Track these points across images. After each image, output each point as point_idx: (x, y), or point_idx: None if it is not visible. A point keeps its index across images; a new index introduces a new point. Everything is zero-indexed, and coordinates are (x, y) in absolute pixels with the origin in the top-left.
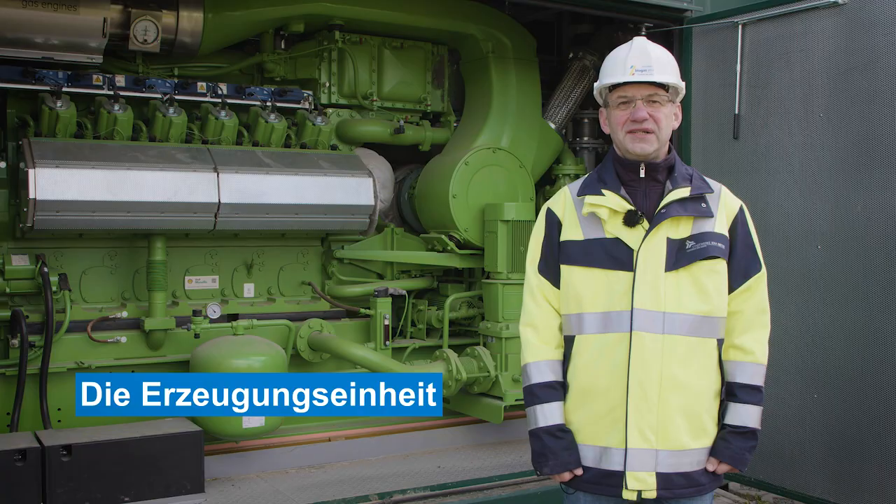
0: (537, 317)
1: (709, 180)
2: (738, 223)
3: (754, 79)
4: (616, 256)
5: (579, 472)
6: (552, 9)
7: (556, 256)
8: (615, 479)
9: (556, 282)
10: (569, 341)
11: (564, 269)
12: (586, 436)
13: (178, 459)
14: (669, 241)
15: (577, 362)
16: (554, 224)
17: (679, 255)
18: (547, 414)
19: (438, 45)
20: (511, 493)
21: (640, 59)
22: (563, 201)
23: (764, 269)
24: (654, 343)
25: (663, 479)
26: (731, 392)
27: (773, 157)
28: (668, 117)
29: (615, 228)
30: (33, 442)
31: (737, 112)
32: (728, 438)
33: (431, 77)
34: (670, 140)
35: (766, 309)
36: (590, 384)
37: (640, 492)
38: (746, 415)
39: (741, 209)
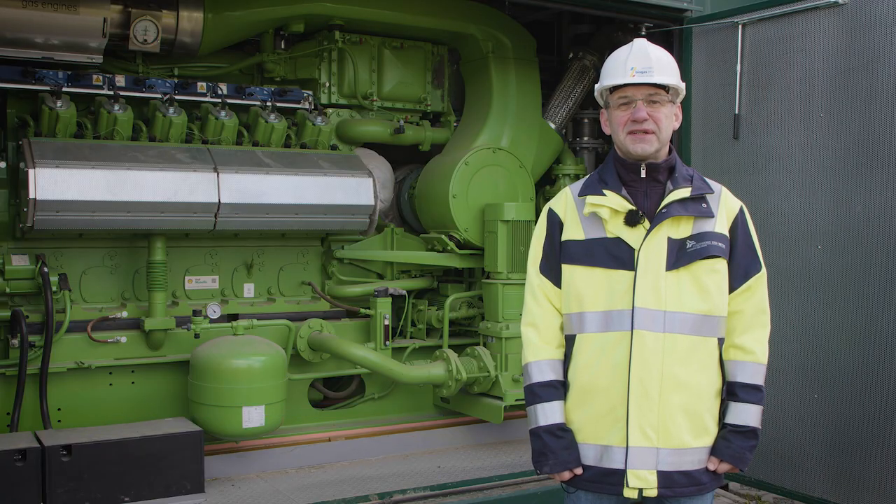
0: (538, 316)
1: (709, 181)
2: (738, 224)
3: (754, 79)
4: (617, 256)
5: (579, 471)
6: (552, 9)
7: (558, 256)
8: (616, 478)
9: (557, 281)
10: (570, 340)
11: (566, 268)
12: (587, 434)
13: (178, 459)
14: (670, 241)
15: (578, 361)
16: (555, 224)
17: (680, 255)
18: (547, 413)
19: (438, 45)
20: (511, 493)
21: (641, 61)
22: (564, 201)
23: (764, 270)
24: (654, 342)
25: (664, 478)
26: (731, 391)
27: (773, 158)
28: (669, 118)
29: (616, 228)
30: (33, 442)
31: (737, 112)
32: (729, 438)
33: (431, 77)
34: (670, 140)
35: (766, 309)
36: (591, 383)
37: (640, 490)
38: (747, 414)
39: (741, 210)
